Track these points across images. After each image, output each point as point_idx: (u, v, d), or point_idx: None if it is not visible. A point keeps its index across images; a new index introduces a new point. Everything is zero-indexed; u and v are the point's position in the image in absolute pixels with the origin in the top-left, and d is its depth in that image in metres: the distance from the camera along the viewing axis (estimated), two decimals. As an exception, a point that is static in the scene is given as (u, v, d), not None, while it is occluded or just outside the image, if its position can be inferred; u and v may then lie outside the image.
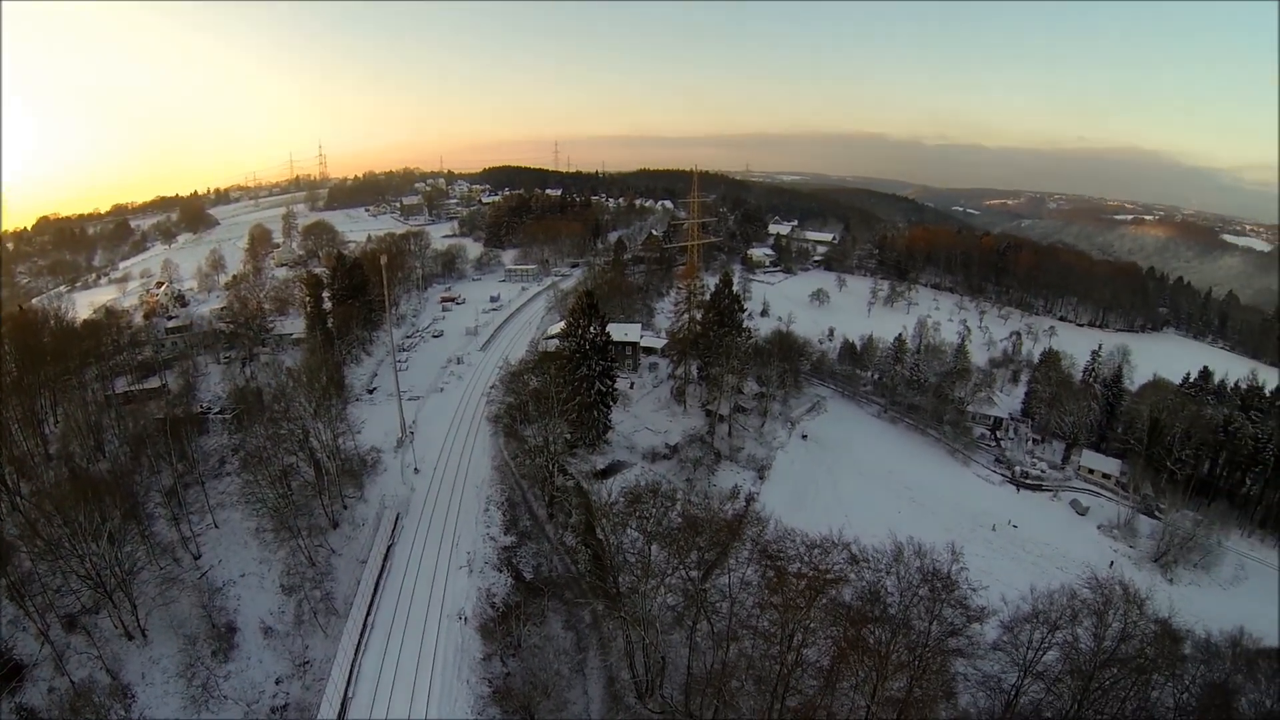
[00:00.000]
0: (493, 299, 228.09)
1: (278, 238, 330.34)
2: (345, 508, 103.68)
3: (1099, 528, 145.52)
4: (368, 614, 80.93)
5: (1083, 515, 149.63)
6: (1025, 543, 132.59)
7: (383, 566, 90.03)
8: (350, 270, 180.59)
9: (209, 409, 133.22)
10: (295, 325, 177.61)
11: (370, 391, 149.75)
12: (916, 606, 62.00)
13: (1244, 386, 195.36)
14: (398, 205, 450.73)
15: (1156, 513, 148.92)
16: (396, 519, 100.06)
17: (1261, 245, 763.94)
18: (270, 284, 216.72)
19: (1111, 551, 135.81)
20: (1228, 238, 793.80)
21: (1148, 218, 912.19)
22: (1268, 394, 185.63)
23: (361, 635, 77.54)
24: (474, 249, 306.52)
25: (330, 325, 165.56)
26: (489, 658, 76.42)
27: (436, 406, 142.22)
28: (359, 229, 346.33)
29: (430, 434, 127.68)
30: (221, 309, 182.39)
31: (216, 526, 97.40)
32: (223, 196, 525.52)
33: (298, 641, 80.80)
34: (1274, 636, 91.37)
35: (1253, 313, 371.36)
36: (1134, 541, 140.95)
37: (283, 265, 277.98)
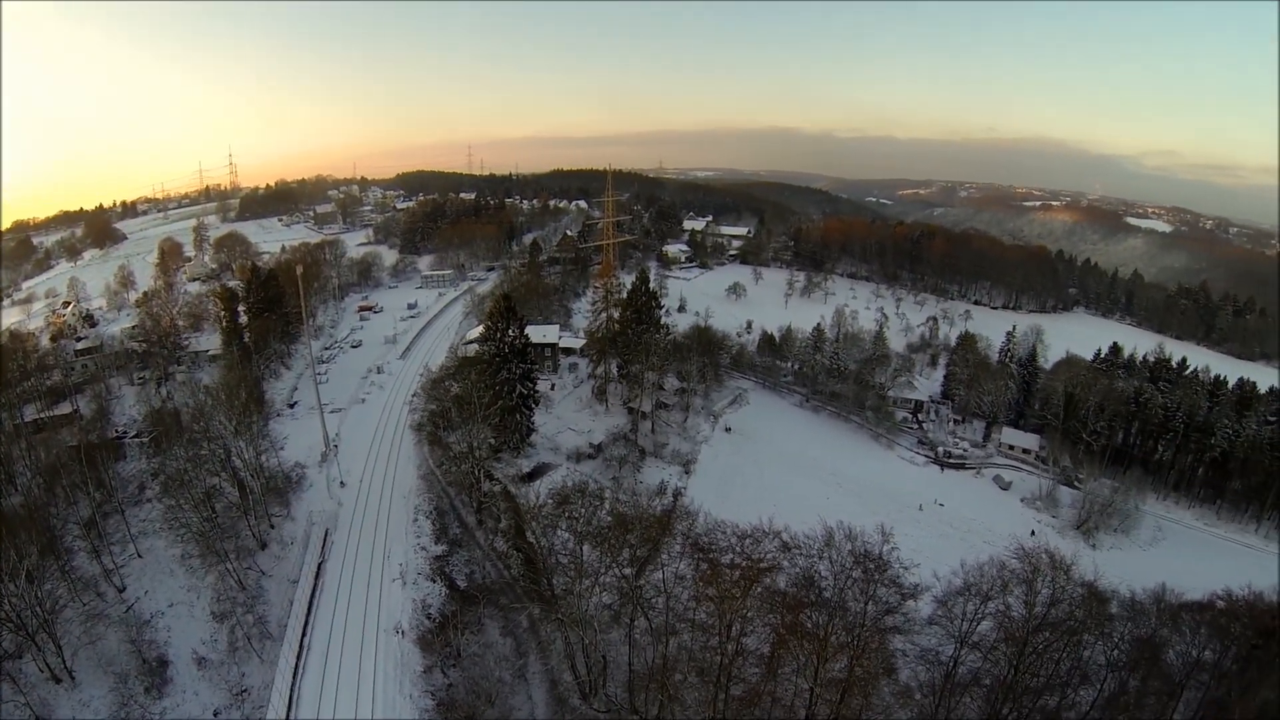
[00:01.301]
0: (410, 306, 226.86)
1: (189, 251, 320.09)
2: (272, 527, 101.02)
3: (1022, 501, 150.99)
4: (303, 635, 78.95)
5: (1006, 490, 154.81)
6: (952, 520, 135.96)
7: (315, 585, 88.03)
8: (265, 282, 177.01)
9: (125, 433, 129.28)
10: (211, 341, 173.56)
11: (291, 406, 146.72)
12: (851, 589, 62.54)
13: (1152, 359, 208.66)
14: (311, 214, 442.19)
15: (1076, 483, 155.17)
16: (325, 535, 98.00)
17: (1163, 226, 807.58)
18: (183, 299, 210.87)
19: (1035, 522, 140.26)
20: (1131, 220, 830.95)
21: (1055, 203, 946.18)
22: (1174, 365, 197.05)
23: (298, 658, 75.62)
24: (390, 256, 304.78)
25: (247, 339, 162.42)
26: (429, 670, 75.32)
27: (359, 418, 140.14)
28: (273, 239, 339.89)
29: (354, 446, 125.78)
30: (133, 328, 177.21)
31: (140, 556, 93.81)
32: (130, 209, 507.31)
33: (233, 670, 78.17)
34: (1195, 591, 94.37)
35: (1157, 290, 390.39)
36: (1056, 512, 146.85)
37: (195, 279, 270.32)
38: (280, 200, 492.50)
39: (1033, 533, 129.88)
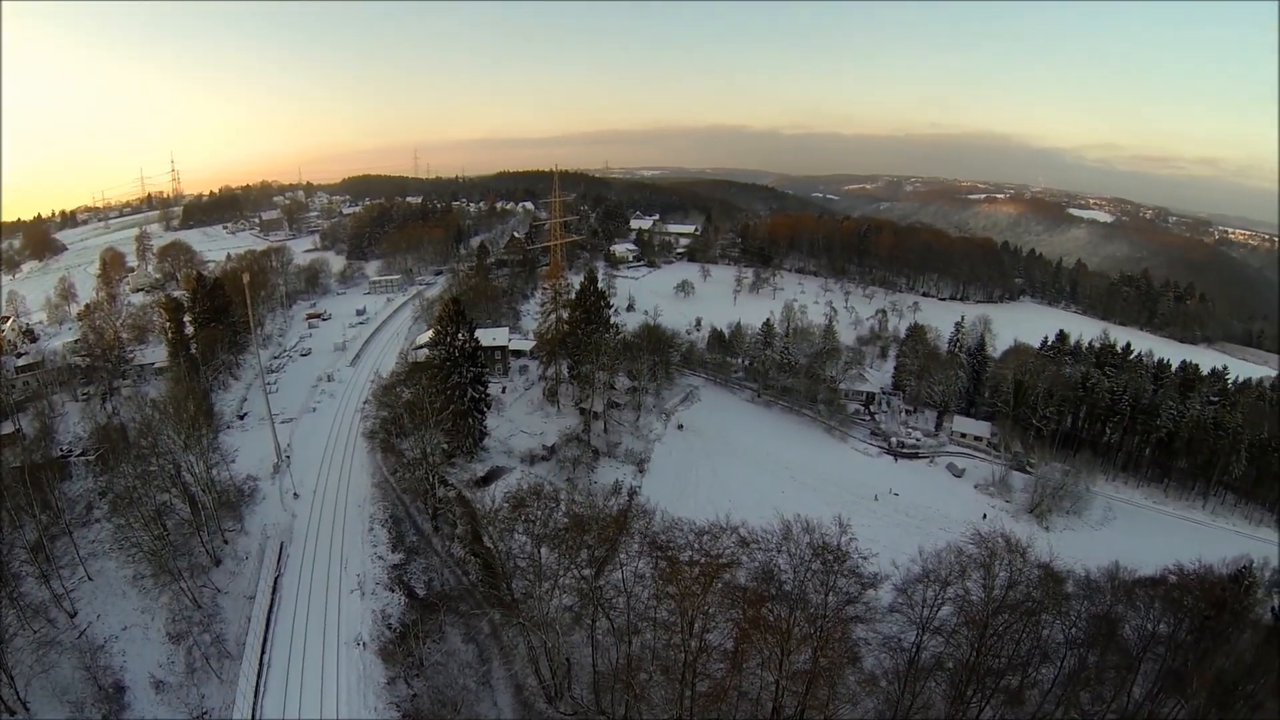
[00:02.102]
0: (359, 312, 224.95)
1: (132, 261, 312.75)
2: (226, 542, 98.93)
3: (976, 487, 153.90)
4: (262, 652, 77.46)
5: (959, 477, 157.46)
6: (908, 509, 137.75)
7: (272, 600, 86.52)
8: (211, 292, 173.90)
9: (70, 451, 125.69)
10: (157, 354, 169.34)
11: (241, 417, 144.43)
12: (811, 580, 63.08)
13: (1097, 345, 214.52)
14: (257, 221, 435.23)
15: (1028, 468, 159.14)
16: (281, 548, 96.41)
17: (1104, 217, 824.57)
18: (127, 311, 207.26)
19: (989, 508, 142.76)
20: (1073, 211, 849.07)
21: (1000, 196, 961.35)
22: (1119, 351, 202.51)
23: (259, 676, 74.14)
24: (337, 262, 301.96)
25: (194, 351, 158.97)
26: (393, 681, 74.38)
27: (311, 427, 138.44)
28: (218, 248, 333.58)
29: (307, 456, 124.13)
30: (75, 342, 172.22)
31: (90, 579, 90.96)
32: (69, 219, 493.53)
33: (192, 692, 76.10)
34: (1147, 567, 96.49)
35: (1100, 278, 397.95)
36: (1010, 496, 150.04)
37: (139, 290, 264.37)
38: (225, 207, 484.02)
39: (984, 516, 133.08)
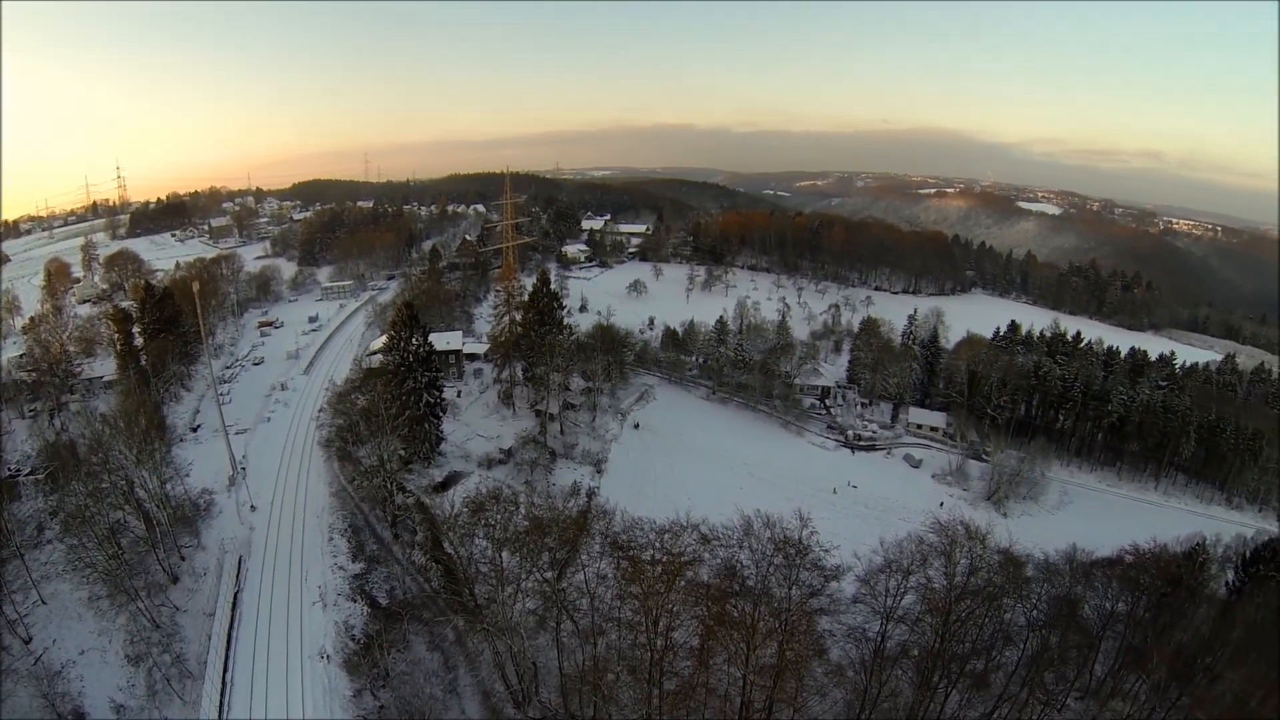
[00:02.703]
0: (311, 319, 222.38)
1: (77, 271, 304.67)
2: (183, 559, 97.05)
3: (933, 477, 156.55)
4: (225, 670, 76.22)
5: (917, 468, 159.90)
6: (867, 500, 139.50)
7: (232, 616, 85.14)
8: (160, 302, 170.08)
9: (18, 471, 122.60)
10: (106, 367, 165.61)
11: (194, 430, 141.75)
12: (774, 575, 63.59)
13: (1049, 334, 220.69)
14: (206, 228, 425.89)
15: (984, 456, 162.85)
16: (239, 562, 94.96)
17: (1052, 209, 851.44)
18: (73, 323, 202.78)
19: (947, 496, 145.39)
20: (1022, 204, 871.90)
21: (950, 190, 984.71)
22: (1070, 339, 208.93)
23: (222, 696, 72.90)
24: (288, 269, 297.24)
25: (144, 363, 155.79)
26: (359, 693, 73.79)
27: (266, 437, 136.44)
28: (166, 256, 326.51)
29: (263, 467, 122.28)
30: (20, 356, 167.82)
31: (44, 602, 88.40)
32: (11, 229, 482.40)
33: (154, 714, 74.15)
34: (1103, 548, 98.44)
35: (1049, 269, 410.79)
36: (967, 484, 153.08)
37: (86, 301, 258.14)
38: (173, 215, 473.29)
39: (941, 504, 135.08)
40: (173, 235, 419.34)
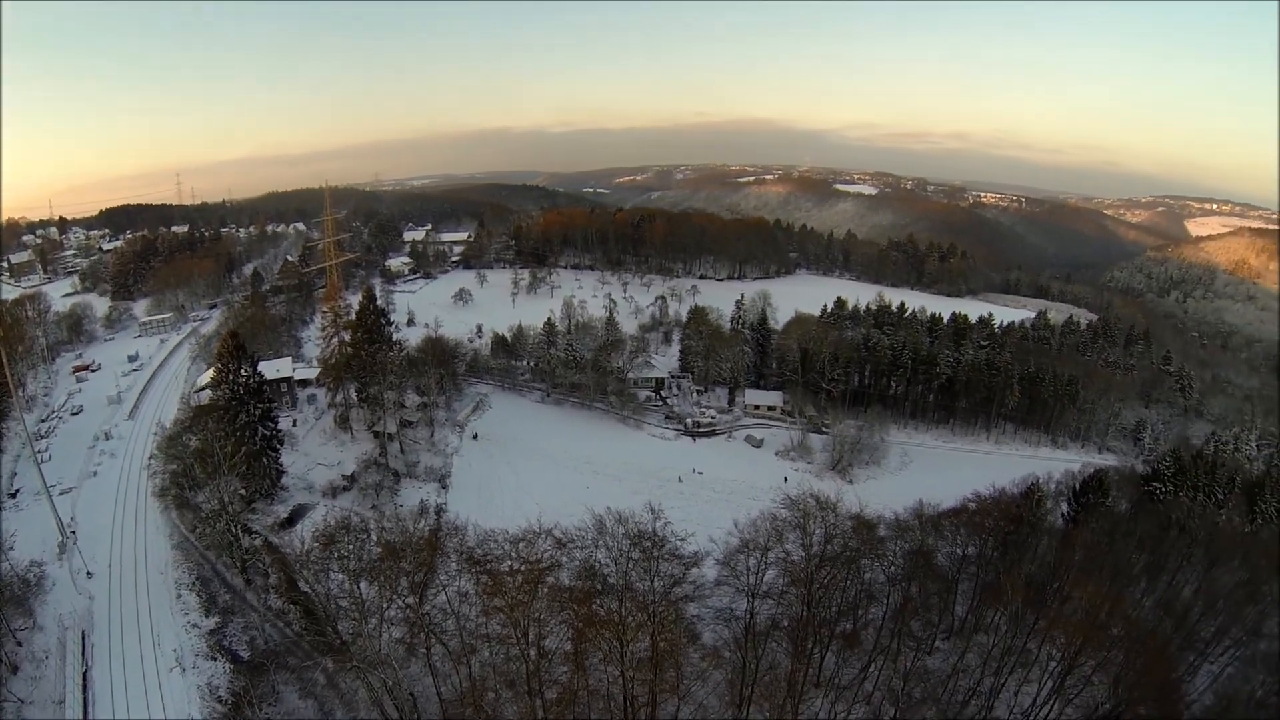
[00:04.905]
0: (131, 358, 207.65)
1: None
2: (20, 644, 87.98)
3: (777, 454, 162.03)
4: (84, 761, 71.12)
5: (759, 447, 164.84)
6: (714, 484, 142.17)
7: (85, 699, 78.55)
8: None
9: None
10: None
11: (13, 496, 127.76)
12: (634, 569, 64.20)
13: (874, 307, 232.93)
14: (5, 265, 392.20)
15: (824, 428, 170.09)
16: (84, 638, 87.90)
17: (869, 190, 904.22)
18: None
19: (793, 471, 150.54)
20: (839, 186, 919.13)
21: (769, 177, 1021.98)
22: (895, 310, 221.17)
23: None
24: (101, 305, 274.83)
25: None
26: (234, 759, 70.18)
27: (94, 494, 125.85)
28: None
29: (95, 527, 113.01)
30: None
31: None
32: None
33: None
34: (948, 500, 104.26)
35: (869, 246, 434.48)
36: (811, 458, 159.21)
37: None
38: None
39: (785, 479, 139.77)
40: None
